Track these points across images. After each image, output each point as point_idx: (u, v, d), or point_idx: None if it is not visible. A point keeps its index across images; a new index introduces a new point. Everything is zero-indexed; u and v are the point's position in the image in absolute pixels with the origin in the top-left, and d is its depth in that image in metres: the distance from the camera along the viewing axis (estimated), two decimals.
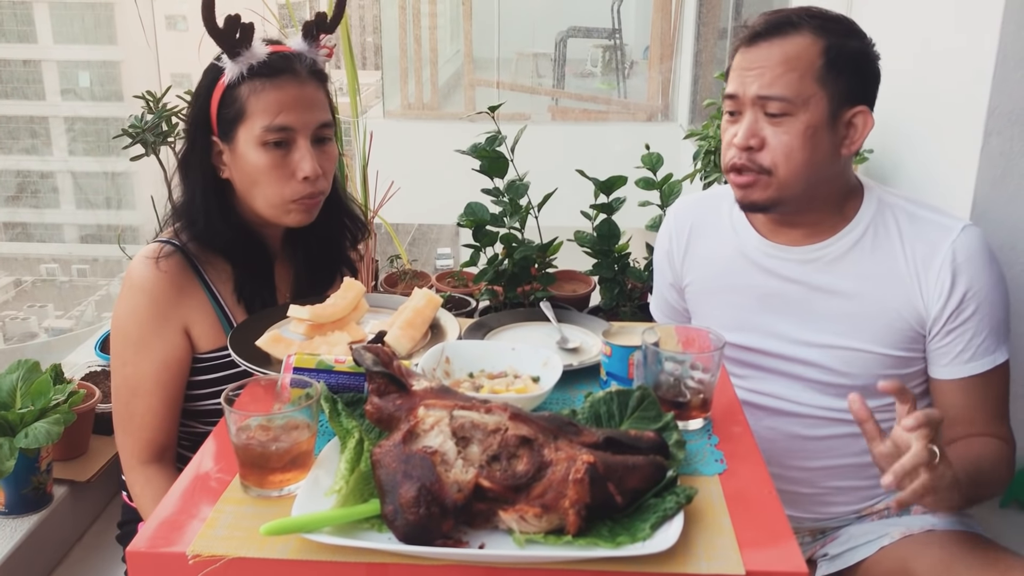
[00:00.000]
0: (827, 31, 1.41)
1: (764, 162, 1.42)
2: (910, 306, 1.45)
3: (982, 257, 1.43)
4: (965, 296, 1.42)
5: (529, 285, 2.39)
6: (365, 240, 1.79)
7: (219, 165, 1.52)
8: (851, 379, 1.50)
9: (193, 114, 1.53)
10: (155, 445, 1.51)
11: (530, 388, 1.20)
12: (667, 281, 1.72)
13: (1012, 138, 1.70)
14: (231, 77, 1.45)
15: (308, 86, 1.49)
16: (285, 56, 1.48)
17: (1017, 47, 1.65)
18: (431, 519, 0.89)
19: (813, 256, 1.50)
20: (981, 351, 1.43)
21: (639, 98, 6.98)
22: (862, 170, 2.31)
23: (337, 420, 1.05)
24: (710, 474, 1.07)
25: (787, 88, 1.39)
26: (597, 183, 2.36)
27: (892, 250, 1.47)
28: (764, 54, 1.41)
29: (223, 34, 1.43)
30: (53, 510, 1.89)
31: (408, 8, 6.59)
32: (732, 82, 1.45)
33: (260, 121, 1.44)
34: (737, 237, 1.59)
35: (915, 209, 1.49)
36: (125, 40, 14.16)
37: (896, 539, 1.45)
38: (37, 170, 15.47)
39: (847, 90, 1.41)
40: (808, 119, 1.40)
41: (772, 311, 1.54)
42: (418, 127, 6.42)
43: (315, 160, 1.47)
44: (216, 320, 1.52)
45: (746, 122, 1.42)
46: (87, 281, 14.87)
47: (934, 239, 1.44)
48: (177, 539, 0.93)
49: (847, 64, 1.41)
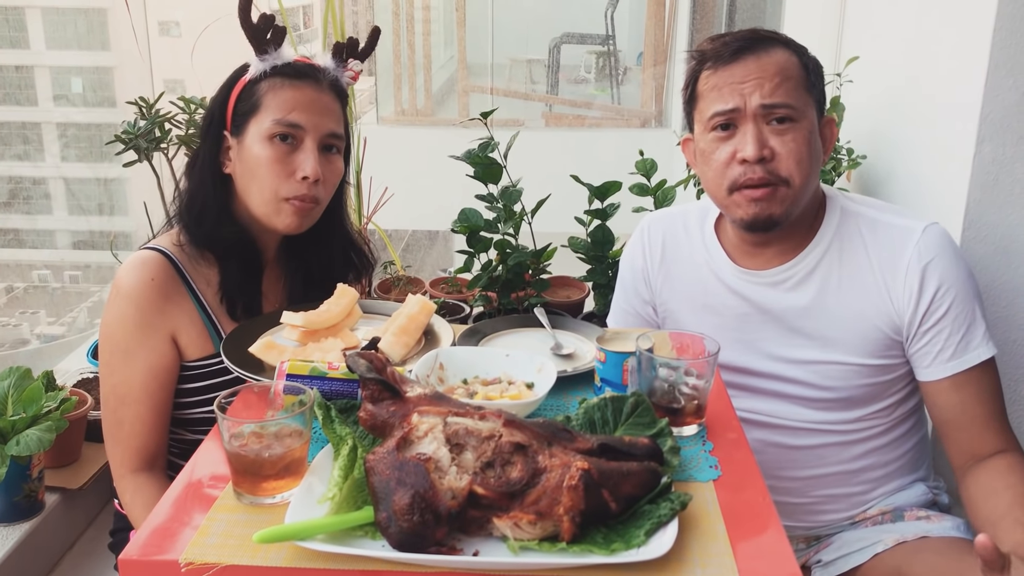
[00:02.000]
0: (794, 47, 1.45)
1: (781, 172, 1.40)
2: (883, 314, 1.45)
3: (948, 254, 1.43)
4: (936, 295, 1.42)
5: (523, 291, 2.39)
6: (368, 275, 1.80)
7: (225, 160, 1.54)
8: (833, 392, 1.50)
9: (211, 108, 1.57)
10: (144, 453, 1.50)
11: (524, 394, 1.20)
12: (641, 299, 1.70)
13: (1004, 144, 1.71)
14: (255, 73, 1.49)
15: (326, 95, 1.53)
16: (309, 64, 1.53)
17: (1008, 54, 1.66)
18: (425, 526, 0.88)
19: (782, 277, 1.50)
20: (961, 348, 1.42)
21: (633, 104, 7.00)
22: (855, 176, 2.32)
23: (330, 427, 1.05)
24: (704, 480, 1.07)
25: (789, 95, 1.40)
26: (591, 189, 2.37)
27: (858, 261, 1.47)
28: (755, 67, 1.41)
29: (256, 30, 1.48)
30: (45, 518, 1.88)
31: (402, 14, 6.59)
32: (724, 97, 1.42)
33: (272, 115, 1.47)
34: (710, 256, 1.58)
35: (877, 215, 1.49)
36: (118, 46, 14.14)
37: (890, 546, 1.45)
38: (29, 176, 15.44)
39: (820, 99, 1.47)
40: (808, 126, 1.42)
41: (749, 332, 1.54)
42: (412, 133, 6.43)
43: (317, 163, 1.48)
44: (203, 328, 1.52)
45: (751, 134, 1.40)
46: (79, 287, 14.83)
47: (897, 244, 1.44)
48: (170, 547, 0.93)
49: (818, 76, 1.46)
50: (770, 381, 1.54)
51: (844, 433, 1.53)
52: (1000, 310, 1.80)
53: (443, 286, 2.77)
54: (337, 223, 1.66)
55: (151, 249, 1.51)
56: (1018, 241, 1.75)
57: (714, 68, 1.44)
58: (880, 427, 1.53)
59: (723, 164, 1.43)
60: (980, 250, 1.78)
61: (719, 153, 1.44)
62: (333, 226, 1.64)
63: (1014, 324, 1.80)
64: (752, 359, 1.54)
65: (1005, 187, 1.73)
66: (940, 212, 1.78)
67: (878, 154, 2.22)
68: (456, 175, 2.40)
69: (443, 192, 3.02)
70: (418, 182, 4.55)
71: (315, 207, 1.53)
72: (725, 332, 1.53)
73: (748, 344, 1.54)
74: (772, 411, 1.55)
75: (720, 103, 1.42)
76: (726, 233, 1.58)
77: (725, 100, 1.42)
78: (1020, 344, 1.81)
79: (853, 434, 1.53)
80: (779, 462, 1.55)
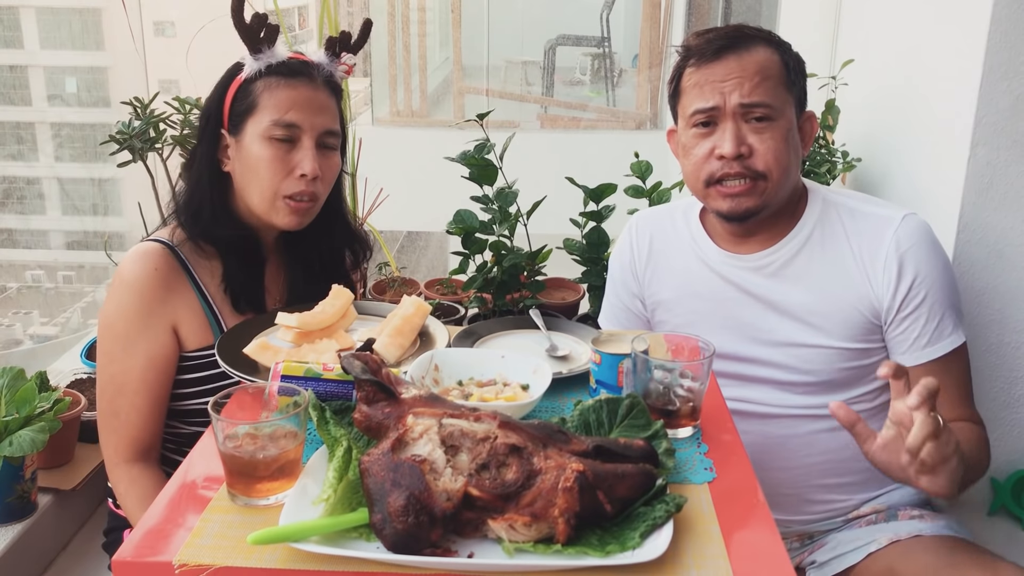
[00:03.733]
0: (776, 43, 1.50)
1: (758, 167, 1.46)
2: (863, 299, 1.48)
3: (926, 244, 1.47)
4: (913, 283, 1.46)
5: (518, 292, 2.39)
6: (366, 261, 1.81)
7: (223, 159, 1.55)
8: (815, 375, 1.53)
9: (207, 106, 1.58)
10: (139, 444, 1.50)
11: (519, 396, 1.20)
12: (630, 292, 1.73)
13: (999, 148, 1.71)
14: (250, 72, 1.50)
15: (321, 92, 1.54)
16: (304, 61, 1.54)
17: (1003, 58, 1.67)
18: (420, 528, 0.88)
19: (766, 262, 1.54)
20: (936, 335, 1.46)
21: (628, 106, 7.00)
22: (850, 178, 2.33)
23: (325, 428, 1.04)
24: (699, 482, 1.07)
25: (767, 94, 1.45)
26: (586, 191, 2.37)
27: (839, 248, 1.51)
28: (736, 65, 1.46)
29: (249, 30, 1.49)
30: (38, 519, 1.87)
31: (397, 15, 6.59)
32: (705, 95, 1.47)
33: (270, 115, 1.49)
34: (697, 246, 1.63)
35: (857, 204, 1.54)
36: (112, 46, 14.13)
37: (884, 545, 1.45)
38: (23, 176, 15.41)
39: (801, 96, 1.52)
40: (786, 123, 1.47)
41: (733, 317, 1.57)
42: (407, 134, 6.42)
43: (316, 161, 1.50)
44: (204, 319, 1.52)
45: (729, 132, 1.46)
46: (73, 288, 14.81)
47: (877, 231, 1.49)
48: (163, 548, 0.92)
49: (799, 73, 1.51)
50: (754, 366, 1.56)
51: (829, 419, 1.53)
52: (994, 313, 1.80)
53: (438, 287, 2.77)
54: (336, 214, 1.68)
55: (154, 240, 1.53)
56: (1012, 244, 1.76)
57: (697, 65, 1.49)
58: (865, 414, 1.54)
59: (702, 159, 1.50)
60: (974, 253, 1.78)
61: (699, 148, 1.50)
62: (333, 217, 1.66)
63: (1008, 327, 1.80)
64: (737, 344, 1.56)
65: (999, 190, 1.74)
66: (935, 215, 1.78)
67: (873, 157, 2.23)
68: (451, 176, 2.40)
69: (438, 193, 3.02)
70: (413, 183, 4.55)
71: (314, 204, 1.55)
72: (711, 317, 1.58)
73: (733, 329, 1.57)
74: (757, 398, 1.57)
75: (701, 101, 1.48)
76: (711, 221, 1.62)
77: (706, 98, 1.47)
78: (1014, 346, 1.81)
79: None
80: (767, 453, 1.56)
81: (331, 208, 1.64)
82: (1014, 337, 1.81)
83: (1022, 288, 1.78)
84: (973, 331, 1.80)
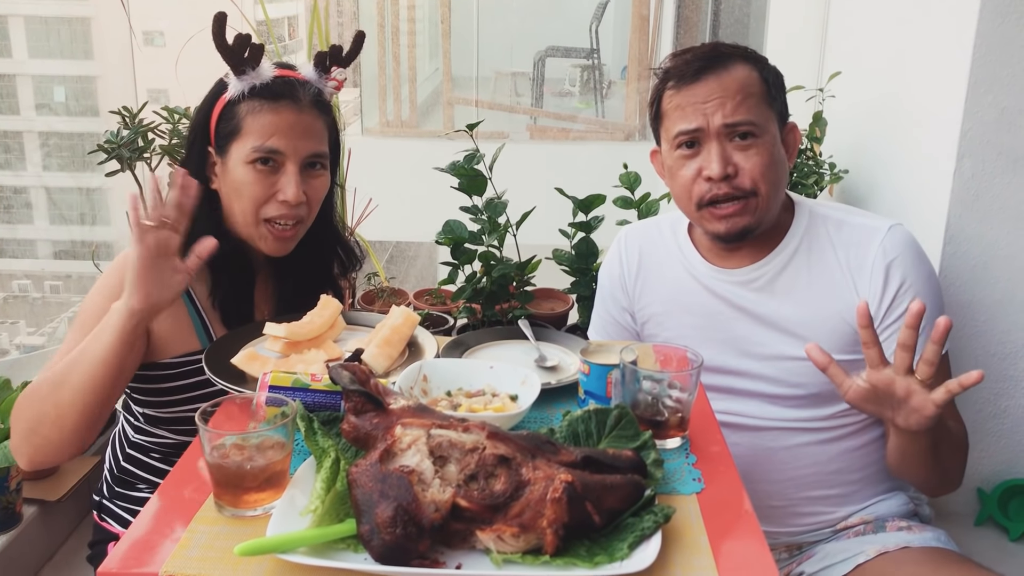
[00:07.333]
0: (754, 59, 1.51)
1: (746, 185, 1.46)
2: (850, 309, 1.48)
3: (911, 253, 1.49)
4: (899, 292, 1.47)
5: (507, 303, 2.39)
6: (356, 270, 1.80)
7: (211, 176, 1.54)
8: (803, 388, 1.53)
9: (194, 122, 1.57)
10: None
11: (508, 407, 1.20)
12: (620, 305, 1.73)
13: (984, 160, 1.73)
14: (233, 94, 1.48)
15: (307, 114, 1.51)
16: (289, 82, 1.50)
17: (988, 71, 1.68)
18: (408, 539, 0.88)
19: (754, 276, 1.55)
20: (920, 344, 1.44)
21: (617, 118, 7.02)
22: (837, 190, 2.34)
23: (313, 439, 1.04)
24: (688, 493, 1.07)
25: (750, 112, 1.46)
26: (575, 202, 2.37)
27: (826, 259, 1.52)
28: (716, 86, 1.46)
29: (231, 52, 1.46)
30: (22, 530, 1.86)
31: (387, 26, 6.60)
32: (688, 117, 1.47)
33: (252, 141, 1.47)
34: (684, 257, 1.63)
35: (843, 216, 1.55)
36: (101, 55, 14.08)
37: (872, 557, 1.46)
38: (10, 185, 15.35)
39: (782, 110, 1.53)
40: (770, 138, 1.48)
41: (723, 330, 1.57)
42: (396, 145, 6.42)
43: (299, 186, 1.48)
44: (191, 325, 1.51)
45: (715, 152, 1.46)
46: (60, 298, 14.73)
47: (863, 241, 1.50)
48: (149, 559, 0.92)
49: (778, 87, 1.52)
50: (743, 379, 1.57)
51: (818, 431, 1.55)
52: (980, 324, 1.81)
53: (427, 298, 2.77)
54: (328, 229, 1.67)
55: None
56: (998, 256, 1.77)
57: (677, 87, 1.50)
58: (853, 426, 1.55)
59: (689, 180, 1.50)
60: (960, 265, 1.79)
61: (685, 170, 1.50)
62: (322, 231, 1.64)
63: (993, 338, 1.81)
64: (726, 357, 1.57)
65: (985, 202, 1.75)
66: (921, 227, 1.79)
67: (860, 169, 2.24)
68: (441, 187, 2.40)
69: (428, 204, 3.02)
70: (403, 194, 4.55)
71: (298, 229, 1.53)
72: (700, 331, 1.58)
73: (722, 342, 1.57)
74: (746, 410, 1.57)
75: (684, 123, 1.48)
76: (699, 235, 1.63)
77: (688, 120, 1.47)
78: (1000, 357, 1.82)
79: (826, 432, 1.55)
80: (756, 465, 1.56)
81: (322, 223, 1.62)
82: (999, 348, 1.82)
83: (1007, 300, 1.80)
84: (959, 342, 1.81)
